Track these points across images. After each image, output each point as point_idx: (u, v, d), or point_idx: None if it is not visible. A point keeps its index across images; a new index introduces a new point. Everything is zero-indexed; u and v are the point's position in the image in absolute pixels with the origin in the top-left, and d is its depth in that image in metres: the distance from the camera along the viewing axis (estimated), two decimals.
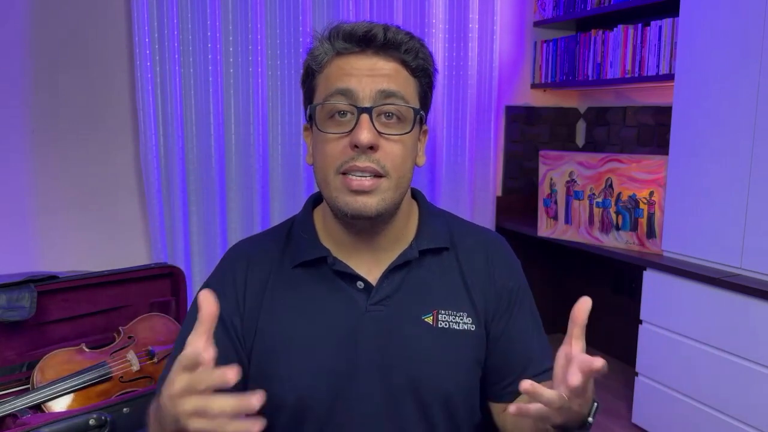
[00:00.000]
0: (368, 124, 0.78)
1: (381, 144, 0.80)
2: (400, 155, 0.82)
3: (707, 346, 2.06)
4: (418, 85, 0.85)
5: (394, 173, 0.81)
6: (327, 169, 0.81)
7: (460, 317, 0.89)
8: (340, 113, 0.80)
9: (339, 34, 0.81)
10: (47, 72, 2.16)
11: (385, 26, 0.82)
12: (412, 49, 0.83)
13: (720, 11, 2.03)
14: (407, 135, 0.82)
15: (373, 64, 0.81)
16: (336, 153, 0.80)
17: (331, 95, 0.80)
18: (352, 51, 0.81)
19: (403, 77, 0.83)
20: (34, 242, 2.20)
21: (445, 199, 2.91)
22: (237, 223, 2.50)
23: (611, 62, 2.79)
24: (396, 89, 0.80)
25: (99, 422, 1.35)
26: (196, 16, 2.31)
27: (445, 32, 2.84)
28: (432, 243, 0.91)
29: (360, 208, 0.80)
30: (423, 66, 0.85)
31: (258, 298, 0.88)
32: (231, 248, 0.97)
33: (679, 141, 2.19)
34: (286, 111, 2.53)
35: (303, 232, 0.91)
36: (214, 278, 0.93)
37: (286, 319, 0.87)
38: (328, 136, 0.81)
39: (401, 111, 0.81)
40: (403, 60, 0.82)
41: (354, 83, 0.79)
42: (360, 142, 0.77)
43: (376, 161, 0.79)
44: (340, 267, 0.87)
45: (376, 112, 0.80)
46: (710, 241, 2.10)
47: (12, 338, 1.54)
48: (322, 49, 0.83)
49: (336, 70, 0.82)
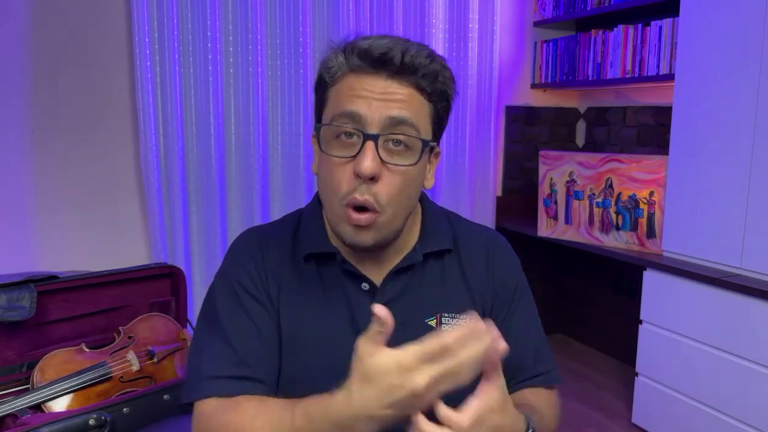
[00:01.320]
0: (372, 153, 0.76)
1: (383, 174, 0.77)
2: (399, 187, 0.79)
3: (707, 346, 2.06)
4: (433, 110, 0.82)
5: (389, 209, 0.79)
6: (332, 196, 0.80)
7: (464, 320, 0.88)
8: (347, 134, 0.78)
9: (354, 50, 0.78)
10: (47, 72, 2.16)
11: (405, 47, 0.78)
12: (431, 73, 0.79)
13: (720, 11, 2.03)
14: (412, 167, 0.79)
15: (386, 88, 0.77)
16: (342, 181, 0.78)
17: (339, 116, 0.78)
18: (367, 71, 0.78)
19: (416, 103, 0.79)
20: (34, 242, 2.20)
21: (445, 199, 2.91)
22: (237, 224, 2.49)
23: (611, 62, 2.79)
24: (407, 116, 0.77)
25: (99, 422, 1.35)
26: (196, 16, 2.31)
27: (445, 32, 2.84)
28: (436, 246, 0.90)
29: (357, 241, 0.80)
30: (441, 90, 0.81)
31: (277, 285, 0.87)
32: (239, 237, 0.94)
33: (679, 141, 2.19)
34: (286, 111, 2.53)
35: (313, 225, 0.90)
36: (230, 265, 0.89)
37: (302, 311, 0.86)
38: (333, 159, 0.79)
39: (409, 141, 0.78)
40: (418, 84, 0.79)
41: (363, 108, 0.77)
42: (362, 173, 0.75)
43: (373, 195, 0.77)
44: (348, 267, 0.86)
45: (382, 140, 0.77)
46: (710, 241, 2.10)
47: (12, 338, 1.54)
48: (336, 62, 0.80)
49: (347, 88, 0.79)
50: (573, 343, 3.28)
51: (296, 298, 0.87)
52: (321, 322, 0.86)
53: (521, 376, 0.91)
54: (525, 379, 0.91)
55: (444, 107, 0.84)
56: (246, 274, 0.86)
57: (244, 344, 0.82)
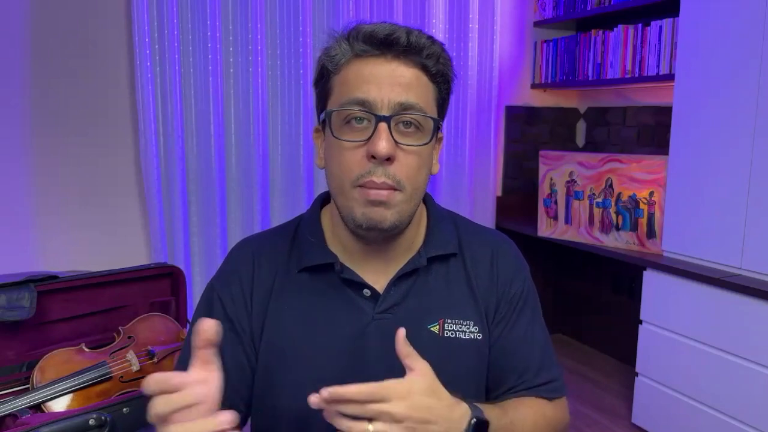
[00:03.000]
0: (387, 134, 0.75)
1: (398, 155, 0.77)
2: (415, 167, 0.79)
3: (707, 346, 2.06)
4: (437, 92, 0.82)
5: (409, 186, 0.78)
6: (343, 180, 0.78)
7: (467, 326, 0.87)
8: (357, 119, 0.77)
9: (359, 35, 0.78)
10: (47, 72, 2.16)
11: (407, 29, 0.78)
12: (434, 54, 0.79)
13: (720, 11, 2.03)
14: (424, 146, 0.79)
15: (393, 70, 0.77)
16: (353, 164, 0.77)
17: (348, 103, 0.77)
18: (372, 54, 0.78)
19: (423, 84, 0.80)
20: (34, 242, 2.20)
21: (445, 199, 2.91)
22: (237, 224, 2.49)
23: (611, 62, 2.79)
24: (415, 101, 0.77)
25: (99, 422, 1.35)
26: (196, 16, 2.31)
27: (445, 32, 2.85)
28: (440, 250, 0.88)
29: (376, 219, 0.78)
30: (443, 71, 0.81)
31: (264, 302, 0.86)
32: (236, 246, 0.94)
33: (679, 141, 2.19)
34: (286, 111, 2.53)
35: (310, 234, 0.88)
36: (219, 279, 0.90)
37: (291, 326, 0.85)
38: (344, 143, 0.78)
39: (420, 121, 0.78)
40: (423, 65, 0.79)
41: (373, 92, 0.76)
42: (378, 153, 0.75)
43: (391, 176, 0.77)
44: (348, 275, 0.85)
45: (394, 121, 0.77)
46: (710, 241, 2.10)
47: (12, 338, 1.54)
48: (340, 50, 0.79)
49: (354, 75, 0.78)
50: (573, 343, 3.28)
51: (289, 312, 0.85)
52: (321, 333, 0.84)
53: (522, 385, 0.89)
54: (526, 388, 0.89)
55: (446, 89, 0.84)
56: (228, 295, 0.87)
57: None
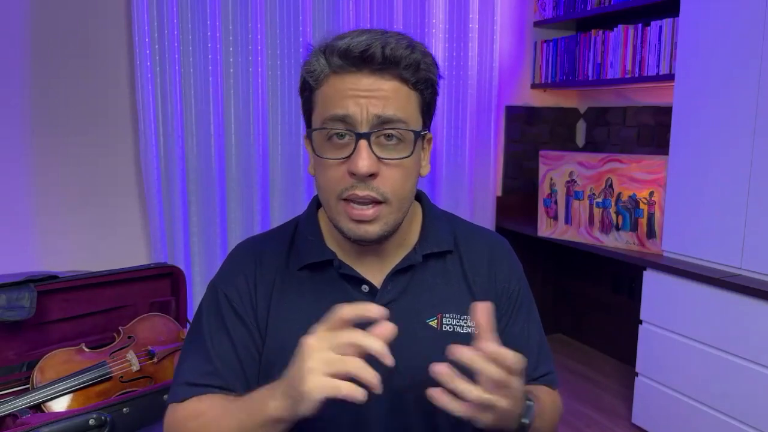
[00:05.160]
0: (367, 151, 0.76)
1: (381, 170, 0.78)
2: (400, 179, 0.80)
3: (707, 346, 2.06)
4: (420, 99, 0.82)
5: (394, 199, 0.80)
6: (329, 194, 0.81)
7: (464, 320, 0.88)
8: (339, 135, 0.78)
9: (335, 51, 0.78)
10: (47, 72, 2.16)
11: (384, 40, 0.77)
12: (412, 63, 0.79)
13: (720, 11, 2.03)
14: (407, 159, 0.80)
15: (371, 84, 0.77)
16: (336, 180, 0.79)
17: (329, 120, 0.78)
18: (349, 70, 0.78)
19: (403, 95, 0.79)
20: (34, 242, 2.20)
21: (445, 199, 2.91)
22: (237, 223, 2.49)
23: (611, 62, 2.79)
24: (394, 113, 0.77)
25: (99, 422, 1.35)
26: (196, 16, 2.31)
27: (445, 32, 2.84)
28: (435, 247, 0.91)
29: (362, 235, 0.80)
30: (425, 77, 0.81)
31: (267, 299, 0.88)
32: (236, 248, 0.96)
33: (679, 141, 2.19)
34: (286, 111, 2.53)
35: (308, 233, 0.91)
36: (222, 277, 0.92)
37: (292, 323, 0.86)
38: (327, 161, 0.79)
39: (402, 133, 0.79)
40: (402, 77, 0.79)
41: (352, 108, 0.76)
42: (358, 172, 0.76)
43: (375, 189, 0.78)
44: (346, 270, 0.87)
45: (374, 136, 0.77)
46: (710, 241, 2.10)
47: (12, 338, 1.54)
48: (318, 65, 0.80)
49: (333, 91, 0.79)
50: (573, 343, 3.28)
51: (290, 309, 0.87)
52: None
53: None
54: (527, 381, 0.91)
55: (430, 93, 0.84)
56: (234, 289, 0.89)
57: (221, 359, 0.86)
